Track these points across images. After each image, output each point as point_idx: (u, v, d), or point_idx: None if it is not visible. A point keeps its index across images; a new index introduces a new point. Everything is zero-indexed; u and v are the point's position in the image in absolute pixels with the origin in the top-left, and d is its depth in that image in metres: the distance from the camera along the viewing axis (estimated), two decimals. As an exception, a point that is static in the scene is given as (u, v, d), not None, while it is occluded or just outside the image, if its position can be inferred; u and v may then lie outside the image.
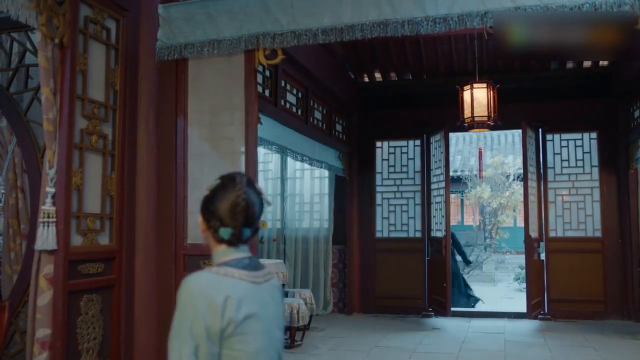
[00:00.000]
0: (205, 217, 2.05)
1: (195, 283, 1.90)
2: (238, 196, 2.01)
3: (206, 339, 1.86)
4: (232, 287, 1.92)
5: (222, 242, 2.02)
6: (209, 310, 1.86)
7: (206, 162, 4.21)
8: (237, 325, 1.90)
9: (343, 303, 8.60)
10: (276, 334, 2.08)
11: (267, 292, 2.06)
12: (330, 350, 6.14)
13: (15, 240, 4.47)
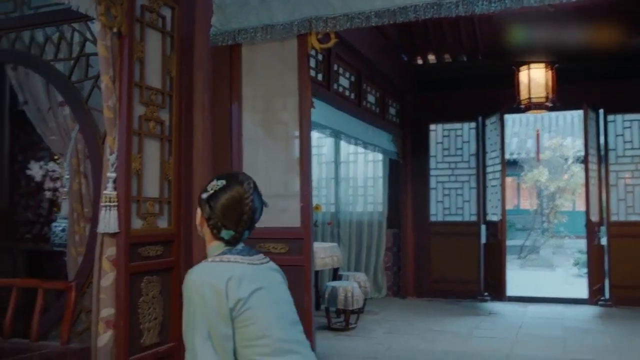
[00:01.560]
0: (205, 214, 2.13)
1: (197, 274, 1.99)
2: (246, 205, 2.12)
3: (218, 323, 1.94)
4: (232, 269, 2.01)
5: (219, 240, 2.12)
6: (214, 295, 1.93)
7: (260, 147, 4.26)
8: (245, 301, 1.97)
9: (397, 287, 8.58)
10: (286, 307, 2.15)
11: (267, 271, 2.15)
12: (385, 333, 6.15)
13: (80, 224, 4.64)
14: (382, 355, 5.09)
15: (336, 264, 6.93)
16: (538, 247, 14.61)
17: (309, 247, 4.04)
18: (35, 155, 5.96)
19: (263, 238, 4.15)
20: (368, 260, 8.42)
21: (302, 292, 4.04)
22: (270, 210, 4.20)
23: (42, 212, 6.02)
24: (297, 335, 2.14)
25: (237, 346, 1.98)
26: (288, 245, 4.08)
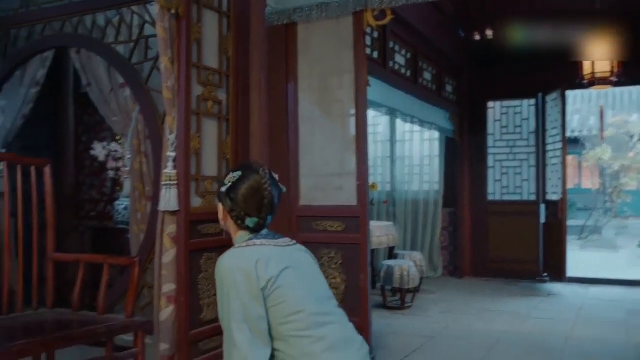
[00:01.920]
0: (227, 206, 2.21)
1: (227, 260, 2.08)
2: (265, 190, 2.18)
3: (251, 304, 2.00)
4: (259, 252, 2.08)
5: (241, 228, 2.19)
6: (245, 278, 2.00)
7: (317, 125, 4.27)
8: (275, 280, 2.03)
9: (454, 266, 8.52)
10: (317, 284, 2.20)
11: (294, 252, 2.21)
12: (442, 313, 6.12)
13: (141, 202, 4.76)
14: (439, 334, 5.07)
15: (392, 243, 6.92)
16: (600, 228, 14.20)
17: (365, 226, 4.04)
18: (99, 136, 6.16)
19: (319, 216, 4.18)
20: (424, 240, 8.37)
21: (358, 271, 4.06)
22: (326, 189, 4.27)
23: (105, 191, 6.21)
24: (332, 308, 2.19)
25: (273, 325, 2.04)
26: (344, 224, 4.09)
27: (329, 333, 2.06)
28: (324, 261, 4.15)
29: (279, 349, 2.05)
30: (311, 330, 2.03)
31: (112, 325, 2.67)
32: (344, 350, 2.08)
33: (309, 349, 2.01)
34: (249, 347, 1.98)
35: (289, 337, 2.02)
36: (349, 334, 2.17)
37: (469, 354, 4.37)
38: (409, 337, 4.94)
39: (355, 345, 2.15)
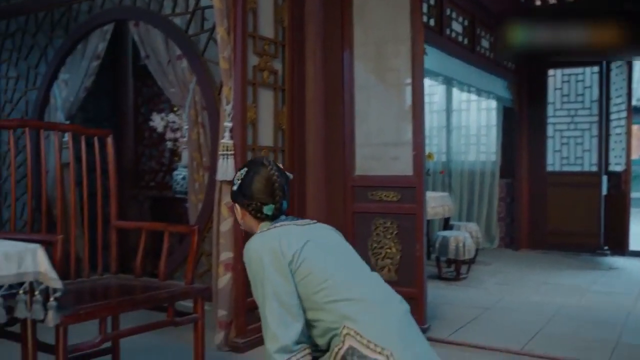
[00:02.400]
0: (242, 203, 2.30)
1: (252, 244, 2.17)
2: (272, 174, 2.26)
3: (279, 281, 2.07)
4: (281, 232, 2.17)
5: (263, 220, 2.27)
6: (272, 256, 2.09)
7: (372, 94, 4.23)
8: (299, 253, 2.10)
9: (510, 238, 8.39)
10: (343, 251, 2.26)
11: (315, 228, 2.29)
12: (497, 284, 6.05)
13: (199, 172, 4.85)
14: (494, 305, 5.02)
15: (447, 214, 6.85)
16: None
17: (421, 196, 4.00)
18: (157, 108, 6.28)
19: (375, 186, 4.17)
20: (480, 211, 8.26)
21: (413, 241, 4.04)
22: (382, 159, 4.25)
23: (164, 161, 6.35)
24: (364, 272, 2.24)
25: (306, 296, 2.09)
26: (400, 194, 4.07)
27: (363, 294, 2.09)
28: (379, 231, 4.15)
29: (319, 319, 2.08)
30: (344, 294, 2.07)
31: (173, 291, 2.74)
32: (383, 307, 2.09)
33: (346, 311, 2.03)
34: (277, 325, 2.05)
35: (325, 305, 2.06)
36: (386, 292, 2.19)
37: (526, 326, 4.31)
38: (464, 308, 4.91)
39: (394, 301, 2.16)
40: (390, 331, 2.03)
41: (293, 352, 2.04)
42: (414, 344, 2.08)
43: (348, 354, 1.99)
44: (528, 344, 3.91)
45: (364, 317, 2.02)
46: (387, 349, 1.96)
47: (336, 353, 2.02)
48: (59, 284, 2.10)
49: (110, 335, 2.58)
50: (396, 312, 2.13)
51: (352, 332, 2.00)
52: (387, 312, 2.09)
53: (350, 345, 1.99)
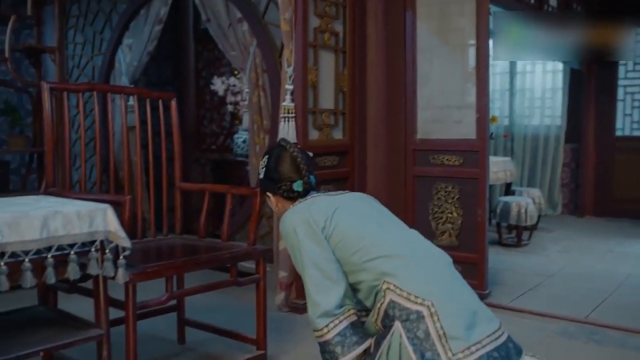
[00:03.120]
0: (272, 189, 2.36)
1: (286, 218, 2.22)
2: (292, 152, 2.33)
3: (316, 249, 2.10)
4: (311, 202, 2.24)
5: (294, 199, 2.32)
6: (306, 226, 2.14)
7: (435, 55, 4.13)
8: (330, 219, 2.14)
9: (574, 205, 8.15)
10: (376, 212, 2.29)
11: (347, 196, 2.33)
12: (560, 252, 5.91)
13: (259, 135, 4.88)
14: (557, 273, 4.91)
15: (509, 179, 6.70)
16: None
17: (484, 160, 3.92)
18: (218, 71, 6.33)
19: (436, 150, 4.11)
20: (543, 176, 8.04)
21: (475, 206, 3.98)
22: (444, 122, 4.17)
23: (224, 124, 6.42)
24: (400, 230, 2.26)
25: (345, 260, 2.11)
26: (462, 158, 3.99)
27: (400, 249, 2.10)
28: (440, 195, 4.10)
29: (360, 280, 2.10)
30: (380, 251, 2.08)
31: (236, 252, 2.78)
32: (421, 260, 2.11)
33: (384, 267, 2.04)
34: (317, 292, 2.08)
35: (363, 264, 2.07)
36: (424, 245, 2.21)
37: (590, 295, 4.20)
38: (525, 275, 4.82)
39: (433, 254, 2.18)
40: (430, 282, 2.03)
41: (335, 315, 2.06)
42: (457, 294, 2.07)
43: (390, 307, 2.00)
44: (592, 313, 3.82)
45: (402, 271, 2.03)
46: (428, 299, 1.96)
47: (379, 309, 2.04)
48: (128, 242, 2.17)
49: (176, 293, 2.66)
50: (435, 264, 2.13)
51: (392, 286, 2.00)
52: (426, 265, 2.10)
53: (391, 299, 2.00)
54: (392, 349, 1.96)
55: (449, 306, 1.97)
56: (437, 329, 1.92)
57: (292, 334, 3.43)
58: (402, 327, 1.95)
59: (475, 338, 1.94)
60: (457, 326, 1.94)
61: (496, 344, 1.98)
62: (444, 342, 1.91)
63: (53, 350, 2.15)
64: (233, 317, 3.64)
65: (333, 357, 2.07)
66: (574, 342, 3.33)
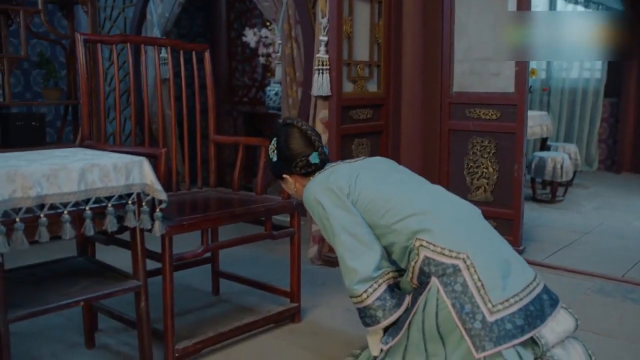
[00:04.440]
0: (288, 170, 2.33)
1: (309, 189, 2.21)
2: (301, 126, 2.32)
3: (344, 215, 2.10)
4: (331, 172, 2.23)
5: (311, 174, 2.28)
6: (330, 194, 2.13)
7: (473, 5, 3.97)
8: (354, 185, 2.14)
9: (611, 161, 7.99)
10: (399, 173, 2.30)
11: (365, 160, 2.35)
12: (596, 209, 5.81)
13: (292, 88, 4.82)
14: (593, 230, 4.83)
15: (545, 134, 6.56)
16: None
17: (522, 114, 3.82)
18: (249, 22, 6.24)
19: (473, 103, 4.02)
20: (580, 131, 7.87)
21: (512, 161, 3.90)
22: (481, 74, 4.07)
23: (256, 77, 6.36)
24: (425, 186, 2.28)
25: (374, 224, 2.11)
26: (500, 111, 3.90)
27: (428, 205, 2.11)
28: (475, 150, 4.03)
29: (392, 242, 2.10)
30: (409, 210, 2.08)
31: (271, 205, 2.78)
32: (450, 214, 2.11)
33: (415, 226, 2.04)
34: (352, 258, 2.08)
35: (393, 226, 2.08)
36: (451, 199, 2.21)
37: (627, 253, 4.13)
38: (560, 231, 4.76)
39: (462, 207, 2.19)
40: (463, 235, 2.03)
41: (374, 278, 2.06)
42: (490, 244, 2.07)
43: (424, 264, 2.00)
44: (629, 271, 3.76)
45: (434, 227, 2.03)
46: (463, 252, 1.97)
47: (413, 267, 2.04)
48: (164, 195, 2.17)
49: (212, 246, 2.67)
50: (465, 216, 2.14)
51: (425, 242, 2.01)
52: (456, 218, 2.10)
53: (425, 255, 2.00)
54: (429, 304, 1.96)
55: (483, 257, 1.98)
56: (475, 281, 1.93)
57: (324, 287, 3.45)
58: (440, 282, 1.96)
59: (512, 289, 1.96)
60: (494, 277, 1.95)
61: (531, 296, 1.99)
62: (483, 294, 1.92)
63: (92, 300, 2.18)
64: (266, 269, 3.68)
65: (374, 322, 2.07)
66: (610, 300, 3.29)
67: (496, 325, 1.88)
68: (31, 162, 1.98)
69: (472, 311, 1.90)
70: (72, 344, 2.68)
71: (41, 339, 2.71)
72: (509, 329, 1.89)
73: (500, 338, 1.87)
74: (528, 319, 1.94)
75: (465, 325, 1.89)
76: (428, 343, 1.99)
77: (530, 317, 1.95)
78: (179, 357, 2.44)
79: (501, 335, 1.88)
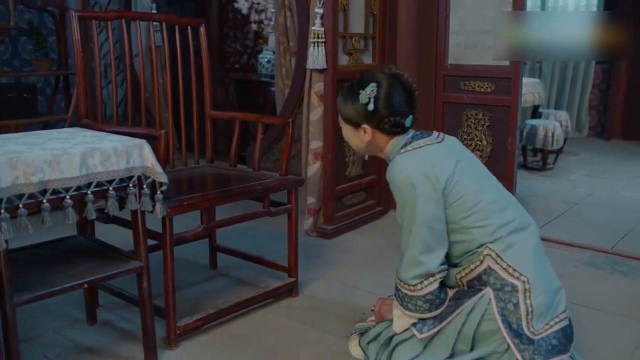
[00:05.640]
0: (375, 122, 2.12)
1: (400, 166, 2.07)
2: (409, 82, 2.12)
3: (429, 206, 2.02)
4: (429, 152, 2.08)
5: (394, 134, 2.15)
6: (425, 180, 2.02)
7: (470, -23, 3.95)
8: (452, 176, 2.05)
9: (602, 127, 8.04)
10: (483, 170, 2.24)
11: (454, 144, 2.20)
12: (585, 176, 5.89)
13: (286, 57, 4.79)
14: (583, 200, 4.89)
15: (537, 101, 6.58)
16: None
17: (517, 87, 3.83)
18: (241, -13, 6.14)
19: (468, 76, 4.02)
20: (572, 98, 7.89)
21: (505, 134, 3.92)
22: (476, 47, 4.06)
23: (248, 43, 6.30)
24: (503, 192, 2.23)
25: (454, 220, 2.08)
26: (495, 84, 3.90)
27: (509, 218, 2.10)
28: (469, 122, 4.05)
29: (461, 240, 2.11)
30: (493, 218, 2.08)
31: (269, 183, 2.79)
32: (524, 233, 2.12)
33: (491, 234, 2.06)
34: (422, 252, 2.05)
35: (472, 229, 2.08)
36: (524, 215, 2.20)
37: (616, 225, 4.19)
38: (551, 202, 4.82)
39: (532, 226, 2.19)
40: (529, 258, 2.08)
41: (434, 274, 2.07)
42: (547, 272, 2.13)
43: (485, 273, 2.06)
44: (618, 243, 3.83)
45: (506, 241, 2.05)
46: (524, 275, 2.03)
47: (472, 270, 2.09)
48: (164, 178, 2.18)
49: (211, 225, 2.70)
50: (534, 238, 2.16)
51: (493, 254, 2.05)
52: (528, 238, 2.12)
53: (489, 265, 2.05)
54: (476, 311, 2.04)
55: (540, 285, 2.04)
56: (527, 306, 2.01)
57: (320, 259, 3.50)
58: (494, 296, 2.03)
59: (551, 316, 2.06)
60: (544, 306, 2.04)
61: (562, 324, 2.09)
62: (529, 319, 2.01)
63: (96, 282, 2.20)
64: (262, 241, 3.71)
65: (417, 311, 2.11)
66: (600, 272, 3.37)
67: (543, 341, 2.01)
68: (32, 146, 1.98)
69: (518, 331, 2.01)
70: (74, 320, 2.72)
71: (43, 315, 2.74)
72: (555, 345, 2.02)
73: (548, 352, 2.00)
74: (567, 339, 2.08)
75: (514, 340, 2.00)
76: (458, 343, 2.08)
77: (567, 338, 2.08)
78: (180, 333, 2.49)
79: (549, 349, 2.01)
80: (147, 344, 2.35)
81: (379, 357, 2.23)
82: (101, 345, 2.51)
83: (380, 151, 2.25)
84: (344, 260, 3.50)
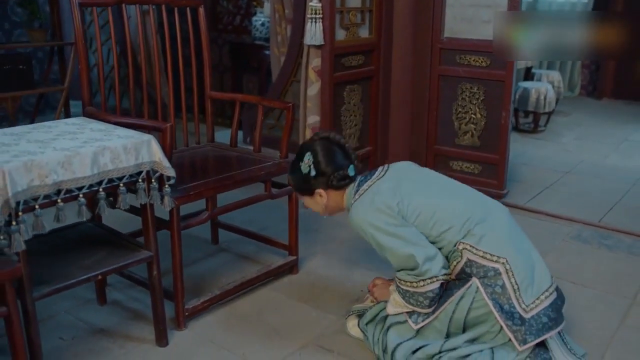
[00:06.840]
0: (325, 185, 2.34)
1: (358, 215, 2.27)
2: (336, 139, 2.37)
3: (402, 229, 2.19)
4: (374, 190, 2.28)
5: (345, 187, 2.37)
6: (382, 216, 2.20)
7: (468, -49, 3.94)
8: (400, 201, 2.23)
9: (593, 86, 8.10)
10: (432, 178, 2.43)
11: (395, 171, 2.39)
12: (576, 139, 5.99)
13: (281, 25, 4.77)
14: (573, 169, 4.97)
15: (530, 63, 6.63)
16: None
17: (512, 63, 3.87)
18: (234, -53, 6.03)
19: (463, 50, 4.05)
20: (563, 57, 7.89)
21: (499, 108, 3.99)
22: (472, 21, 4.09)
23: (241, 4, 6.23)
24: (457, 190, 2.39)
25: (426, 235, 2.23)
26: (490, 59, 3.94)
27: (468, 212, 2.26)
28: (464, 96, 4.11)
29: (441, 247, 2.25)
30: (454, 219, 2.24)
31: (270, 167, 2.86)
32: (488, 219, 2.27)
33: (460, 234, 2.22)
34: (424, 263, 2.17)
35: (441, 235, 2.24)
36: (485, 202, 2.37)
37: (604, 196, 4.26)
38: (542, 171, 4.88)
39: (496, 209, 2.35)
40: (503, 240, 2.23)
41: (436, 276, 2.20)
42: (522, 249, 2.27)
43: (466, 266, 2.20)
44: (606, 216, 3.95)
45: (476, 232, 2.21)
46: (503, 257, 2.18)
47: (454, 267, 2.23)
48: (172, 172, 2.25)
49: (216, 211, 2.77)
50: (502, 220, 2.31)
51: (468, 246, 2.20)
52: (494, 222, 2.27)
53: (467, 258, 2.20)
54: (465, 299, 2.19)
55: (519, 261, 2.19)
56: (512, 284, 2.17)
57: (319, 234, 3.60)
58: (480, 284, 2.18)
59: (540, 288, 2.21)
60: (527, 280, 2.19)
61: (551, 299, 2.23)
62: (518, 296, 2.16)
63: (109, 272, 2.29)
64: (262, 215, 3.79)
65: (418, 305, 2.25)
66: (587, 247, 3.49)
67: (534, 320, 2.16)
68: (43, 145, 2.04)
69: (510, 311, 2.15)
70: (85, 301, 2.82)
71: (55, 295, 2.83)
72: (546, 322, 2.17)
73: (539, 330, 2.15)
74: (558, 313, 2.22)
75: (506, 322, 2.14)
76: (450, 328, 2.25)
77: (558, 311, 2.23)
78: (188, 315, 2.61)
79: (539, 327, 2.15)
80: (158, 327, 2.47)
81: (375, 336, 2.37)
82: (113, 326, 2.63)
83: (340, 208, 2.46)
84: (343, 234, 3.60)
